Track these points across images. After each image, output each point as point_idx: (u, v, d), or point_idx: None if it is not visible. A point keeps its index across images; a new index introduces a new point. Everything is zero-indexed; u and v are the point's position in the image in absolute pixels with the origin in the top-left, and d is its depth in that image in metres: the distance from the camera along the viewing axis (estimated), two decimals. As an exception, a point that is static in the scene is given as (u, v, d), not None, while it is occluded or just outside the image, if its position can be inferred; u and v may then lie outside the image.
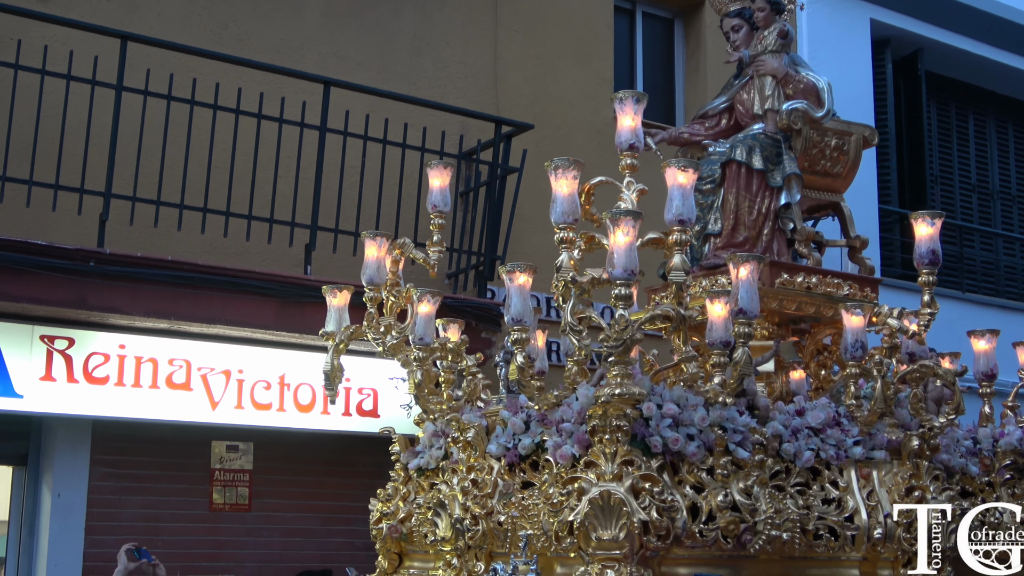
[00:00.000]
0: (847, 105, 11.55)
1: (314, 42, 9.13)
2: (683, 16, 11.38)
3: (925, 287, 5.53)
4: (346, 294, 5.73)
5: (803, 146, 6.39)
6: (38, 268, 7.26)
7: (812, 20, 11.55)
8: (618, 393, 4.53)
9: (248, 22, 8.94)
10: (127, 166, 7.68)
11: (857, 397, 5.24)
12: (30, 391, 7.44)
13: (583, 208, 5.26)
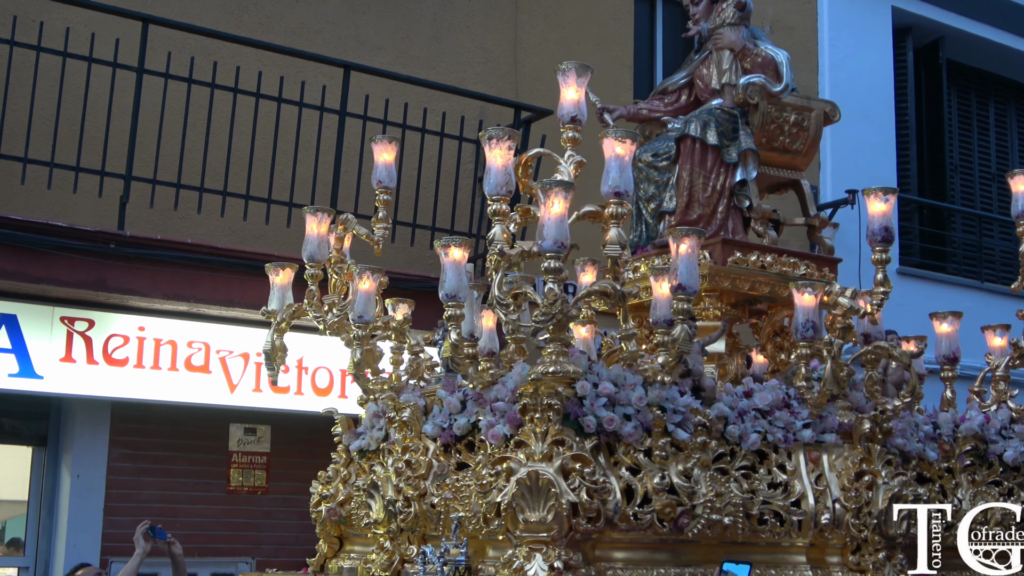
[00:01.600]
0: (868, 93, 11.55)
1: (334, 26, 9.12)
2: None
3: (878, 265, 5.33)
4: (289, 272, 5.61)
5: (760, 121, 6.21)
6: (59, 250, 7.29)
7: (833, 8, 11.51)
8: (551, 371, 4.40)
9: (268, 5, 8.94)
10: (147, 149, 7.70)
11: (808, 379, 5.12)
12: (50, 372, 7.48)
13: (521, 181, 5.15)
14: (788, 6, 11.44)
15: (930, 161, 12.36)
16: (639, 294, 5.73)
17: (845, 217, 10.84)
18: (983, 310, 8.70)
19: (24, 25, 7.42)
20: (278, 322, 5.47)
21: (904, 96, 12.00)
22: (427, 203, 8.59)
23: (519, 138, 4.76)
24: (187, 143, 7.82)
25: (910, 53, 12.10)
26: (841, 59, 11.50)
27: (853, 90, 11.46)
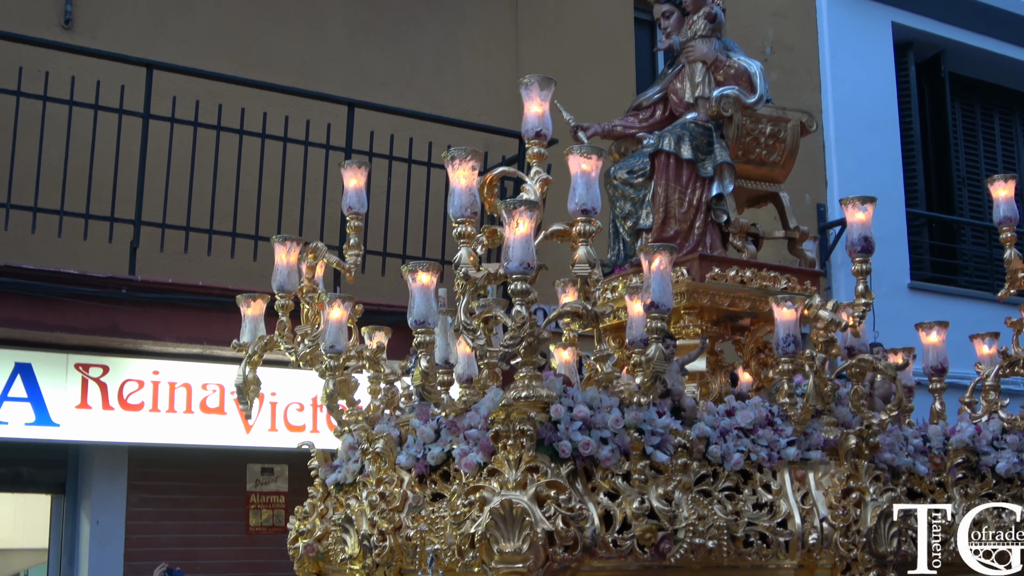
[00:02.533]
0: (871, 109, 11.57)
1: (337, 64, 9.18)
2: (703, 25, 11.36)
3: (859, 276, 5.19)
4: (260, 303, 5.46)
5: (736, 134, 6.05)
6: (71, 297, 7.33)
7: (833, 26, 11.54)
8: (524, 396, 4.25)
9: (271, 46, 9.00)
10: (156, 193, 7.74)
11: (792, 395, 4.97)
12: (66, 420, 7.50)
13: (487, 201, 5.00)
14: (788, 25, 11.48)
15: (937, 174, 12.36)
16: (618, 314, 5.59)
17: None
18: (996, 322, 8.68)
19: (30, 75, 7.48)
20: (249, 355, 5.33)
21: (908, 111, 12.01)
22: (435, 235, 8.61)
23: (482, 158, 4.65)
24: (195, 186, 7.85)
25: (912, 68, 12.12)
26: (843, 76, 11.53)
27: (857, 106, 11.49)
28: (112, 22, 8.39)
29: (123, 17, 8.45)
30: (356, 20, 9.38)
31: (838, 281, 10.95)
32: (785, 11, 11.49)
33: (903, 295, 11.03)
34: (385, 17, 9.51)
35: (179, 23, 8.67)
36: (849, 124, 11.45)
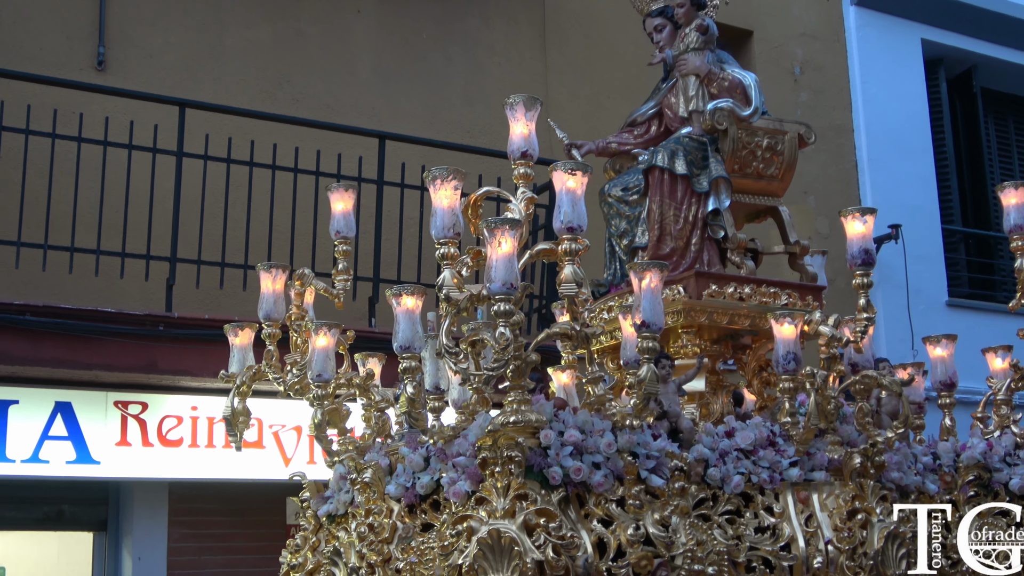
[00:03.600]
0: (904, 127, 11.51)
1: (367, 97, 9.24)
2: (732, 47, 11.36)
3: (860, 290, 5.05)
4: (248, 332, 5.38)
5: (731, 147, 5.88)
6: (109, 335, 7.38)
7: (862, 45, 11.51)
8: (512, 421, 4.12)
9: (302, 82, 9.07)
10: (191, 230, 7.80)
11: (793, 414, 4.84)
12: (107, 457, 7.54)
13: (471, 222, 4.86)
14: (817, 46, 11.46)
15: (972, 190, 12.26)
16: (615, 335, 5.42)
17: (890, 252, 10.78)
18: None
19: (64, 117, 7.57)
20: (237, 385, 5.25)
21: (940, 127, 11.94)
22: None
23: (464, 177, 4.55)
24: (229, 221, 7.91)
25: (943, 84, 12.06)
26: (874, 95, 11.49)
27: (889, 124, 11.44)
28: (144, 63, 8.50)
29: (155, 58, 8.55)
30: (385, 55, 9.45)
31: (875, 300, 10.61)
32: (813, 31, 11.47)
33: (941, 312, 10.94)
34: (414, 52, 9.57)
35: (210, 62, 8.77)
36: (881, 142, 11.40)
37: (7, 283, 7.52)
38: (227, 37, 8.88)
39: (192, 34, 8.75)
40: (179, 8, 8.74)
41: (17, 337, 7.17)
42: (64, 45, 8.26)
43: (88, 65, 8.29)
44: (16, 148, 7.52)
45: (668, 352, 5.51)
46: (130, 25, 8.51)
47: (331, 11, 9.32)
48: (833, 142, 11.30)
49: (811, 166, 11.07)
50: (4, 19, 8.10)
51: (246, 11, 8.99)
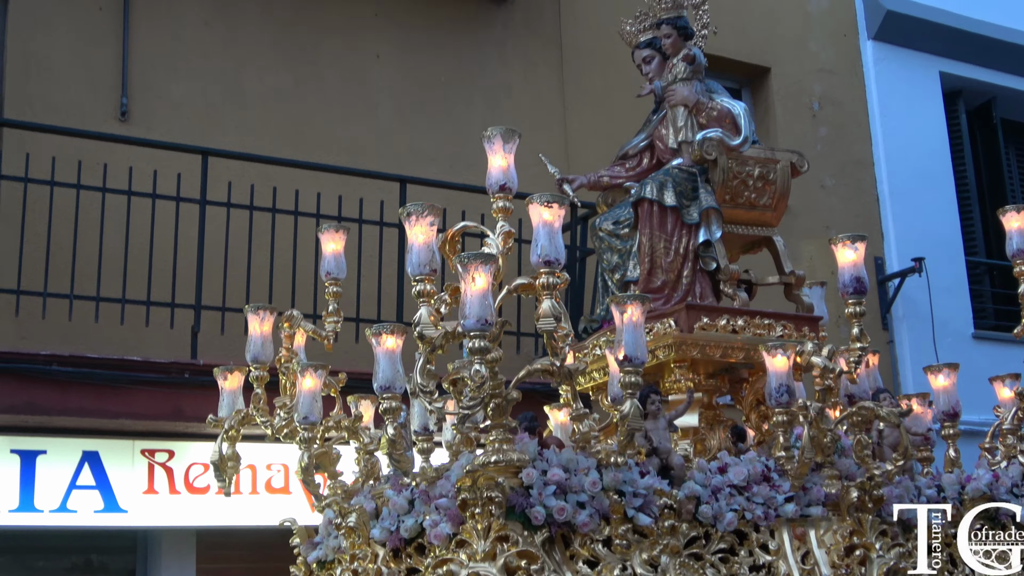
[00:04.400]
0: (925, 159, 11.49)
1: (387, 141, 9.28)
2: (750, 84, 11.40)
3: (853, 319, 4.91)
4: (238, 376, 5.33)
5: (722, 178, 5.83)
6: (135, 384, 7.40)
7: (880, 79, 11.52)
8: (494, 460, 4.02)
9: (322, 127, 9.13)
10: (214, 277, 7.83)
11: (788, 448, 4.72)
12: (134, 506, 7.55)
13: (449, 258, 4.82)
14: (835, 81, 11.47)
15: (995, 221, 12.17)
16: (606, 371, 5.31)
17: (914, 285, 10.74)
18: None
19: (89, 168, 7.63)
20: (225, 430, 5.20)
21: (961, 159, 11.92)
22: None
23: (441, 213, 4.50)
24: (252, 268, 7.94)
25: (963, 116, 12.05)
26: (894, 128, 11.48)
27: (909, 157, 11.43)
28: (167, 113, 8.57)
29: (177, 108, 8.63)
30: (405, 99, 9.51)
31: (900, 334, 10.82)
32: (831, 67, 11.49)
33: (968, 345, 10.87)
34: (434, 95, 9.63)
35: (232, 110, 8.84)
36: (902, 175, 11.39)
37: (34, 334, 7.57)
38: (248, 85, 8.96)
39: (213, 83, 8.83)
40: (200, 58, 8.82)
41: (44, 387, 7.20)
42: (88, 97, 8.34)
43: (111, 116, 8.37)
44: (42, 199, 7.58)
45: (661, 387, 5.45)
46: (152, 76, 8.59)
47: (351, 56, 9.39)
48: (853, 176, 11.29)
49: (833, 200, 11.07)
50: (30, 73, 8.19)
51: (266, 59, 9.07)
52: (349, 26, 9.41)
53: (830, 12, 11.62)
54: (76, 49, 8.38)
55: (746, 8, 11.19)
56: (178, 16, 8.79)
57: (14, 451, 7.36)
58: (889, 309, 10.88)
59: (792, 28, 11.40)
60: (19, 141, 7.82)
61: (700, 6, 6.39)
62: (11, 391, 7.12)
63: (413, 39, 9.64)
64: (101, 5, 8.51)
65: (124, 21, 8.50)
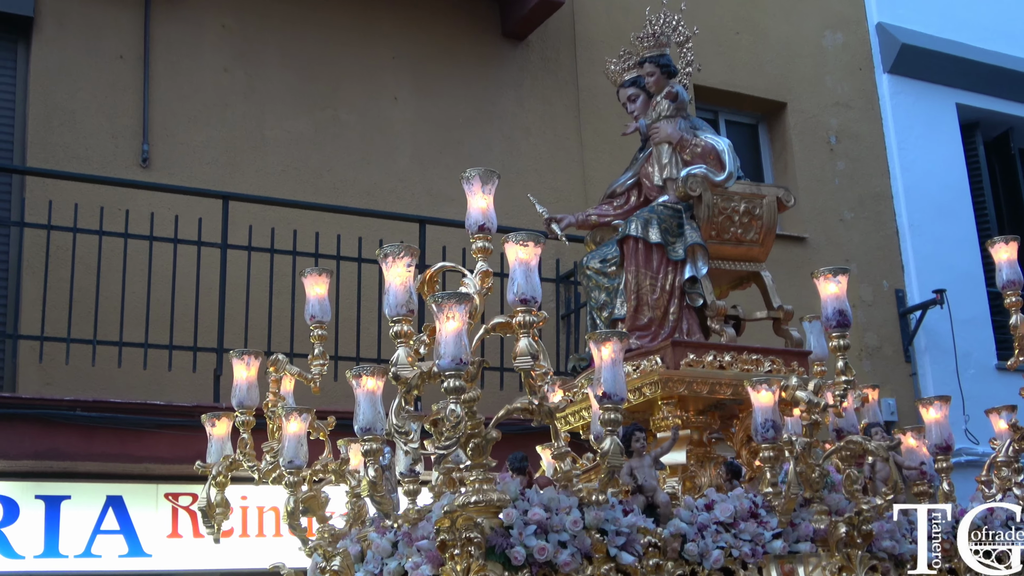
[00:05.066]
0: (943, 191, 11.49)
1: (407, 182, 9.34)
2: (766, 120, 11.43)
3: (837, 353, 4.87)
4: (226, 422, 5.31)
5: (707, 214, 5.82)
6: (158, 428, 7.43)
7: (897, 112, 11.54)
8: (473, 501, 3.99)
9: (342, 170, 9.20)
10: (236, 321, 7.87)
11: (775, 484, 4.67)
12: (159, 550, 7.56)
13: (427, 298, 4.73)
14: (851, 115, 11.50)
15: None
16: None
17: (936, 318, 10.70)
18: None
19: (111, 214, 7.71)
20: (214, 476, 5.18)
21: (980, 190, 11.91)
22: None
23: (418, 254, 4.50)
24: (274, 311, 7.98)
25: (980, 147, 12.05)
26: (911, 161, 11.49)
27: (928, 190, 11.43)
28: (187, 158, 8.66)
29: (198, 153, 8.71)
30: (423, 141, 9.57)
31: (923, 366, 10.77)
32: (847, 100, 11.52)
33: (991, 377, 10.81)
34: (452, 136, 9.69)
35: (252, 155, 8.91)
36: (921, 208, 11.38)
37: (58, 379, 7.62)
38: (267, 130, 9.04)
39: (233, 129, 8.91)
40: (220, 104, 8.91)
41: (68, 433, 7.24)
42: (110, 144, 8.44)
43: (133, 163, 8.45)
44: (64, 246, 7.66)
45: (650, 424, 5.41)
46: (173, 122, 8.69)
47: (368, 100, 9.47)
48: (872, 209, 11.29)
49: (852, 234, 11.07)
50: (53, 123, 8.29)
51: (285, 104, 9.15)
52: (367, 70, 9.50)
53: (845, 47, 11.66)
54: (98, 97, 8.48)
55: (761, 44, 11.25)
56: (198, 63, 8.89)
57: (39, 496, 7.39)
58: (911, 342, 10.84)
59: (808, 63, 11.44)
60: (42, 189, 7.91)
61: (684, 44, 6.39)
62: (35, 437, 7.16)
63: (430, 81, 9.72)
64: (122, 53, 8.63)
65: (144, 69, 8.61)
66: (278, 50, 9.22)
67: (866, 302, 10.90)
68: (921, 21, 11.78)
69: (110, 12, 8.64)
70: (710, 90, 10.82)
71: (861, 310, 10.84)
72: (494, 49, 10.01)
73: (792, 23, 11.48)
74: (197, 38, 8.93)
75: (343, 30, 9.46)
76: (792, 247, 10.63)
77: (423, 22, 9.74)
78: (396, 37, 9.63)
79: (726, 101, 11.09)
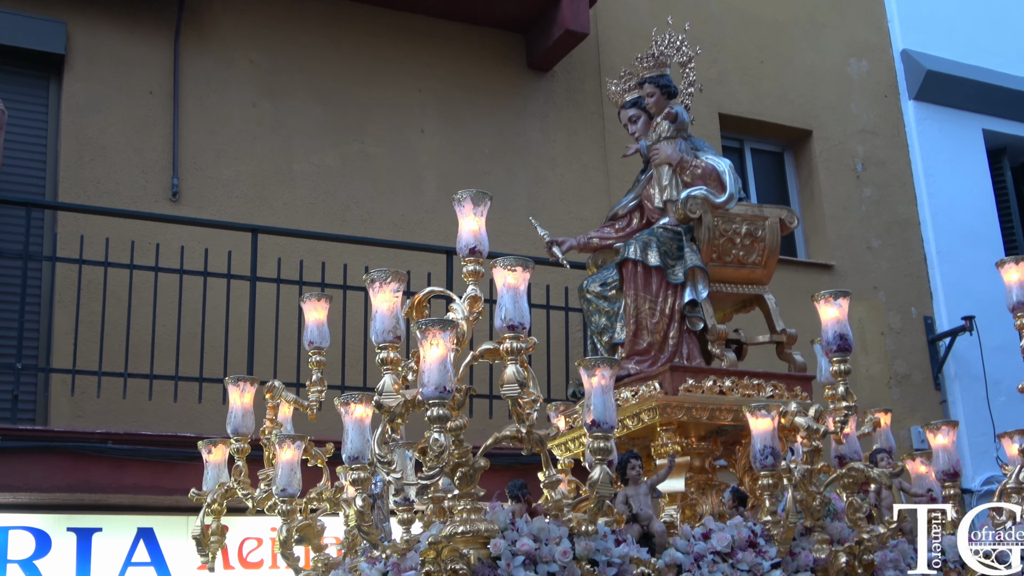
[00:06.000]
0: (971, 217, 11.45)
1: (433, 214, 9.39)
2: (792, 148, 11.44)
3: (839, 378, 4.76)
4: (223, 448, 5.27)
5: (707, 236, 5.69)
6: (189, 460, 7.44)
7: (923, 139, 11.53)
8: (461, 531, 3.90)
9: (369, 202, 9.25)
10: (265, 352, 7.92)
11: (774, 512, 4.56)
12: (189, 582, 7.59)
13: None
14: (878, 142, 11.49)
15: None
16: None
17: (965, 344, 10.64)
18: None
19: (141, 248, 7.79)
20: (208, 503, 5.12)
21: (1008, 215, 11.87)
22: (540, 373, 8.64)
23: (406, 279, 4.41)
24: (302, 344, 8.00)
25: (1008, 173, 12.01)
26: (939, 187, 11.46)
27: (955, 216, 11.39)
28: (217, 192, 8.74)
29: (227, 187, 8.79)
30: (450, 173, 9.62)
31: (953, 393, 10.70)
32: (874, 127, 11.52)
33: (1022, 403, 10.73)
34: (478, 168, 9.75)
35: (280, 188, 8.99)
36: (949, 234, 11.34)
37: (89, 412, 7.68)
38: (295, 163, 9.12)
39: (262, 163, 8.99)
40: (248, 139, 9.00)
41: (100, 465, 7.28)
42: (140, 179, 8.53)
43: (163, 197, 8.53)
44: (96, 280, 7.73)
45: (652, 451, 5.33)
46: (202, 157, 8.77)
47: (395, 133, 9.54)
48: (900, 236, 11.26)
49: (880, 261, 11.04)
50: (84, 158, 8.39)
51: (313, 138, 9.23)
52: (394, 103, 9.57)
53: (870, 74, 11.67)
54: (128, 132, 8.58)
55: (787, 72, 11.27)
56: (226, 98, 8.99)
57: (70, 529, 7.43)
58: (941, 369, 10.78)
59: (833, 91, 11.45)
60: (74, 224, 7.99)
61: (687, 64, 6.28)
62: (67, 469, 7.21)
63: (457, 113, 9.79)
64: (152, 89, 8.73)
65: (174, 104, 8.71)
66: (305, 84, 9.31)
67: (895, 329, 10.86)
68: (946, 47, 11.78)
69: (140, 49, 8.75)
70: (736, 118, 10.86)
71: (890, 337, 10.80)
72: (519, 81, 10.08)
73: (817, 51, 11.50)
74: (226, 73, 9.03)
75: (369, 64, 9.54)
76: (819, 275, 10.61)
77: (449, 55, 9.82)
78: (422, 70, 9.71)
79: (752, 129, 11.11)
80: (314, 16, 9.41)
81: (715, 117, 10.70)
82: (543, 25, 9.88)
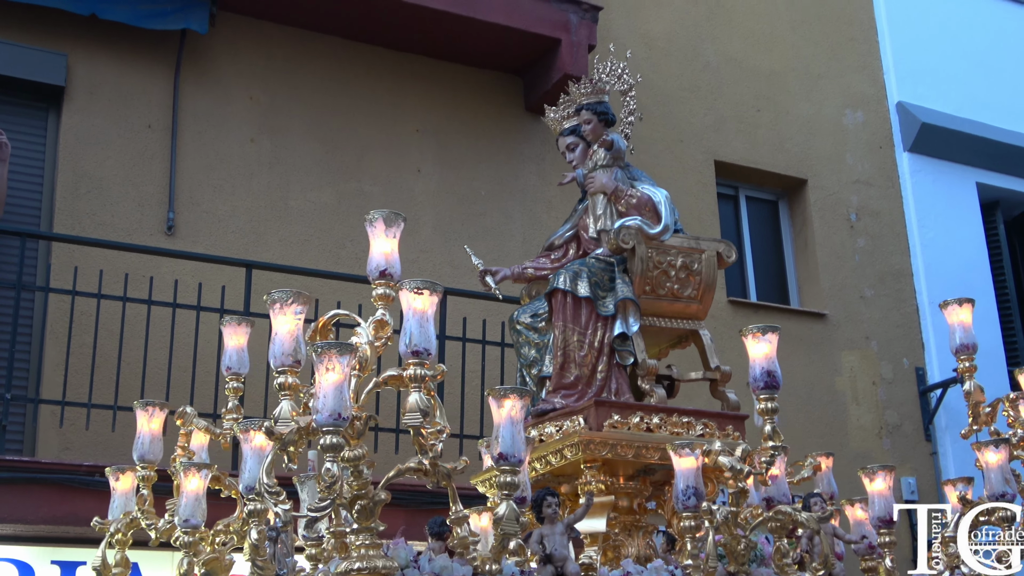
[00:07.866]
0: (964, 270, 11.49)
1: (428, 253, 9.40)
2: (787, 196, 11.49)
3: (765, 416, 4.64)
4: (131, 476, 5.06)
5: (641, 268, 5.49)
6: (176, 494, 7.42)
7: (918, 190, 11.59)
8: (356, 568, 3.71)
9: (364, 240, 9.15)
10: (258, 387, 7.89)
11: (695, 556, 4.40)
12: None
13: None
14: (872, 192, 11.55)
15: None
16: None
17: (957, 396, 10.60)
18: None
19: (135, 281, 7.78)
20: (111, 533, 4.95)
21: (1001, 269, 11.91)
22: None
23: (309, 301, 4.25)
24: (295, 379, 8.00)
25: (1001, 226, 12.07)
26: (932, 239, 11.51)
27: (948, 268, 11.43)
28: (212, 227, 8.74)
29: (222, 222, 8.80)
30: (445, 213, 9.65)
31: (943, 445, 10.69)
32: (868, 178, 11.58)
33: (1013, 455, 10.72)
34: (474, 209, 9.77)
35: (275, 225, 9.00)
36: (942, 286, 11.35)
37: (77, 445, 7.64)
38: (292, 200, 9.13)
39: (258, 199, 9.01)
40: (245, 174, 9.02)
41: (86, 498, 7.22)
42: (135, 212, 8.54)
43: (158, 230, 8.54)
44: (88, 312, 7.72)
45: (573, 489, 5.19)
46: (199, 191, 8.79)
47: (392, 172, 9.57)
48: (893, 287, 11.29)
49: (872, 311, 11.06)
50: (80, 190, 8.40)
51: (310, 175, 9.26)
52: (391, 142, 9.61)
53: (866, 125, 11.75)
54: (125, 165, 8.60)
55: (783, 121, 11.34)
56: (225, 134, 9.02)
57: (54, 562, 7.38)
58: (932, 420, 10.77)
59: (828, 141, 11.52)
60: (68, 255, 8.00)
61: (627, 92, 6.11)
62: (53, 502, 7.17)
63: (454, 154, 9.83)
64: (150, 123, 8.76)
65: (172, 139, 8.74)
66: (304, 122, 9.35)
67: (886, 380, 10.87)
68: (941, 100, 11.87)
69: (140, 83, 8.78)
70: (731, 166, 10.91)
71: (881, 388, 10.80)
72: (517, 123, 10.12)
73: (813, 101, 11.58)
74: (224, 109, 9.06)
75: (368, 103, 9.59)
76: (812, 324, 10.63)
77: (447, 96, 9.87)
78: (420, 110, 9.76)
79: (747, 177, 11.16)
80: (314, 54, 9.47)
81: (711, 164, 10.76)
82: (541, 68, 9.94)
